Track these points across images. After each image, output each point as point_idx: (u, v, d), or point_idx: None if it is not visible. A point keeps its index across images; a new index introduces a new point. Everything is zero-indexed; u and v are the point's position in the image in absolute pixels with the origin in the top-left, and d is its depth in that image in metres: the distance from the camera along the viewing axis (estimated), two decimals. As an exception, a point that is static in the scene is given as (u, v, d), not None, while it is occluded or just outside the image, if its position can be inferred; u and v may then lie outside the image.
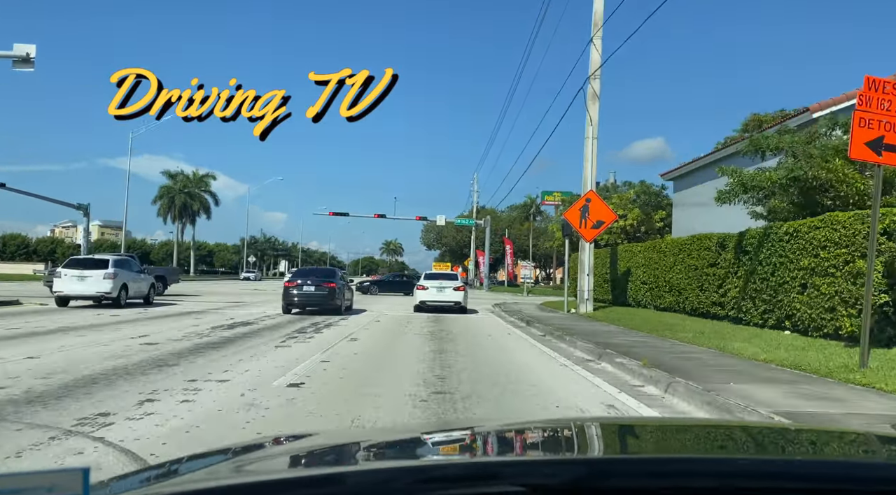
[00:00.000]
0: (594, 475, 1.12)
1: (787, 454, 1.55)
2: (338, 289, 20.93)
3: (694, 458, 1.40)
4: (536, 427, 2.02)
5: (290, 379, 8.12)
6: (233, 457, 1.55)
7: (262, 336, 13.70)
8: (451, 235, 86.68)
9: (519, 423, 2.43)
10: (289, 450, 1.71)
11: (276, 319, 18.67)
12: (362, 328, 16.72)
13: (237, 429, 5.57)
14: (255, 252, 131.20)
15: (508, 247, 61.22)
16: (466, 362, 10.18)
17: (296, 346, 11.98)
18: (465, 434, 1.96)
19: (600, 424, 2.20)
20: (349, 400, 7.02)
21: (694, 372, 8.43)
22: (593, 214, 20.78)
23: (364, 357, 10.73)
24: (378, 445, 1.71)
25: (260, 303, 26.91)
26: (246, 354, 10.44)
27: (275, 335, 14.01)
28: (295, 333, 14.66)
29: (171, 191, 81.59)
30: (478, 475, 1.11)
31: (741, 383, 7.69)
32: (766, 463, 1.34)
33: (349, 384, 8.03)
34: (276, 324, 16.85)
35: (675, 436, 1.77)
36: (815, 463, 1.39)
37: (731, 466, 1.25)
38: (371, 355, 11.03)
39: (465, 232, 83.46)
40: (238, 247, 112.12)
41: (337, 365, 9.62)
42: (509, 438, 1.75)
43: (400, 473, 1.17)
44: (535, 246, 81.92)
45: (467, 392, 7.56)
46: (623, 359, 9.94)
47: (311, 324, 17.16)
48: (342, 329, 16.17)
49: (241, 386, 7.56)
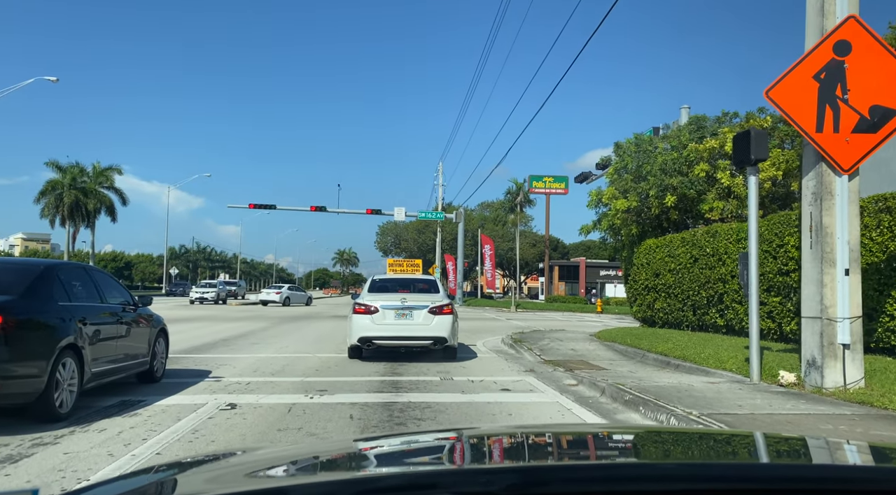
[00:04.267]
0: (530, 482, 1.11)
1: (706, 458, 1.53)
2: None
3: (629, 464, 1.41)
4: (475, 436, 1.97)
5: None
6: (168, 474, 1.50)
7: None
8: (412, 238, 72.27)
9: (457, 431, 2.22)
10: (228, 466, 1.59)
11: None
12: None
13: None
14: (187, 263, 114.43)
15: (488, 247, 47.37)
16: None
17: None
18: (403, 444, 1.87)
19: (541, 433, 2.01)
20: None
21: None
22: (861, 86, 6.91)
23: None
24: (316, 457, 1.63)
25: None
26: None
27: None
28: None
29: (59, 186, 65.37)
30: (416, 485, 1.11)
31: None
32: (699, 467, 1.33)
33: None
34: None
35: (615, 444, 1.75)
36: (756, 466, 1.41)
37: (660, 471, 1.28)
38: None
39: (428, 233, 69.23)
40: (166, 257, 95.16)
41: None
42: (448, 447, 1.69)
43: (340, 486, 1.17)
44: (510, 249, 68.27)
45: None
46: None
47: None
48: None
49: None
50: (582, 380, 8.83)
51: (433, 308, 10.98)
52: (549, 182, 47.71)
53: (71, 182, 64.92)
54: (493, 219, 71.94)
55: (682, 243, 15.63)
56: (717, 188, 16.43)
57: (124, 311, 7.76)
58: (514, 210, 54.76)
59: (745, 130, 8.19)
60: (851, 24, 7.10)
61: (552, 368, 10.29)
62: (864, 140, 7.07)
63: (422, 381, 8.84)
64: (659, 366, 10.44)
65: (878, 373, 7.76)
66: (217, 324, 20.87)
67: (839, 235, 7.19)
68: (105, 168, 69.45)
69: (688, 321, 15.68)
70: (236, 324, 21.00)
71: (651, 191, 16.78)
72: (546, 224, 50.71)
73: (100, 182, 68.77)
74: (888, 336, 9.40)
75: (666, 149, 17.95)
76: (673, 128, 19.37)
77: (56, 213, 65.80)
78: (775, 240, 11.85)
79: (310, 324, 21.53)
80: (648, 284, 17.58)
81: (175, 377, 8.93)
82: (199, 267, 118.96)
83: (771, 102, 7.47)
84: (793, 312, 11.48)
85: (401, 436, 2.25)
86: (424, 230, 69.74)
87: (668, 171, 16.84)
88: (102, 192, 68.30)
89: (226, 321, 22.43)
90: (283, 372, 9.67)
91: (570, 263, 70.14)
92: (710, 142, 16.69)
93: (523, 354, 12.61)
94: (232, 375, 9.19)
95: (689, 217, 18.27)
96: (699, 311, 15.12)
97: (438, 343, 10.92)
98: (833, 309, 7.22)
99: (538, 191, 48.03)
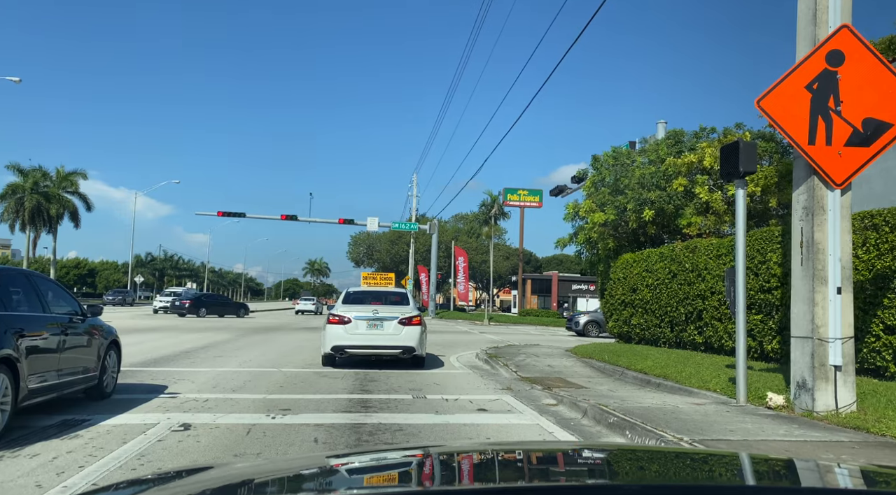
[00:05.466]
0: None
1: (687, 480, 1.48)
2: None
3: (599, 486, 1.38)
4: (447, 453, 1.96)
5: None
6: (148, 489, 1.49)
7: None
8: (385, 249, 71.56)
9: (427, 449, 2.34)
10: (205, 480, 1.56)
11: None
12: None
13: None
14: (153, 271, 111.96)
15: (462, 259, 46.88)
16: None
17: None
18: (375, 460, 1.84)
19: (515, 450, 2.02)
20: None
21: None
22: (854, 98, 6.68)
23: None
24: (289, 474, 1.61)
25: None
26: None
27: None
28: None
29: (20, 189, 63.50)
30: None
31: None
32: (659, 489, 1.30)
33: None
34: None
35: (588, 462, 1.73)
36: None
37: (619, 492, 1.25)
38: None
39: (401, 244, 68.64)
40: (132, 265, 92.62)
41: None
42: (420, 465, 1.67)
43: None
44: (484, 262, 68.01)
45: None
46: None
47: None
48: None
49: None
50: (562, 400, 8.41)
51: (403, 319, 11.51)
52: (523, 195, 47.56)
53: (33, 186, 63.17)
54: (467, 232, 71.65)
55: (660, 258, 15.39)
56: (696, 203, 16.27)
57: (71, 322, 7.13)
58: (489, 222, 54.50)
59: (734, 142, 7.91)
60: (844, 33, 6.86)
61: (529, 386, 9.85)
62: (856, 153, 6.82)
63: (393, 400, 8.34)
64: (639, 384, 10.08)
65: (869, 396, 7.47)
66: (181, 334, 20.04)
67: (831, 252, 6.91)
68: (69, 172, 67.81)
69: (665, 338, 15.42)
70: (200, 335, 20.19)
71: (629, 205, 16.55)
72: (520, 237, 50.61)
73: (63, 186, 67.14)
74: (874, 356, 9.18)
75: (644, 162, 17.78)
76: (651, 143, 19.23)
77: (16, 218, 63.83)
78: (757, 256, 11.63)
79: (278, 337, 20.82)
80: (625, 299, 17.31)
81: (127, 392, 8.29)
82: (165, 275, 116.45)
83: (762, 112, 7.19)
84: (775, 330, 11.23)
85: (373, 453, 2.24)
86: (398, 241, 69.15)
87: (646, 185, 16.64)
88: (66, 197, 66.61)
89: (190, 332, 21.59)
90: (245, 388, 9.07)
91: (542, 277, 70.11)
92: (688, 156, 16.54)
93: (499, 370, 12.17)
94: (189, 391, 8.57)
95: (665, 232, 18.09)
96: (677, 328, 14.86)
97: (407, 352, 11.44)
98: (825, 328, 6.93)
99: (513, 203, 47.83)
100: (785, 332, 10.95)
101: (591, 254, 20.18)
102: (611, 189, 17.53)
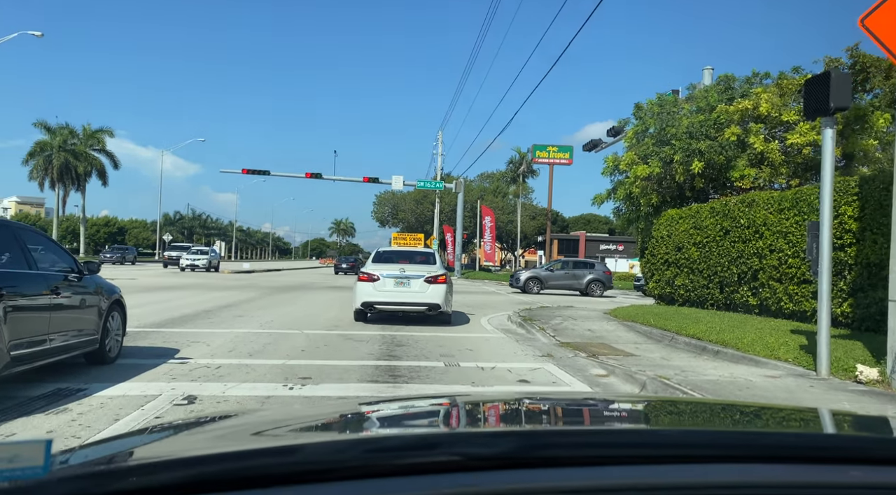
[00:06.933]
0: (524, 446, 1.12)
1: (719, 426, 1.47)
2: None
3: (622, 430, 1.40)
4: (474, 401, 2.01)
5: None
6: (184, 431, 1.50)
7: None
8: (410, 208, 70.60)
9: (457, 395, 2.42)
10: (229, 426, 1.54)
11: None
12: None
13: None
14: (182, 230, 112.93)
15: (489, 218, 45.78)
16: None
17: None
18: (406, 408, 1.84)
19: (538, 399, 2.18)
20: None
21: None
22: None
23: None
24: (322, 418, 1.62)
25: None
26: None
27: None
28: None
29: (48, 147, 63.61)
30: (418, 445, 1.14)
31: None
32: (689, 434, 1.31)
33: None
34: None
35: (610, 411, 1.73)
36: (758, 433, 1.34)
37: (655, 437, 1.26)
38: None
39: (426, 204, 67.57)
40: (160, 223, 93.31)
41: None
42: (456, 411, 1.68)
43: (350, 445, 1.20)
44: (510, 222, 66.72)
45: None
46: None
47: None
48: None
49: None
50: (613, 371, 7.49)
51: (429, 277, 11.84)
52: (553, 152, 45.95)
53: (61, 144, 63.14)
54: (493, 191, 70.25)
55: (710, 213, 14.20)
56: (749, 154, 14.96)
57: (65, 280, 6.36)
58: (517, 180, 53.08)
59: (825, 72, 6.72)
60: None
61: (572, 353, 8.96)
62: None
63: (423, 368, 7.50)
64: (694, 351, 9.12)
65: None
66: (205, 293, 19.53)
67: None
68: (96, 130, 67.73)
69: (714, 299, 14.35)
70: (224, 293, 19.66)
71: (676, 156, 15.30)
72: (549, 195, 49.16)
73: (90, 144, 67.14)
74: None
75: (692, 111, 16.42)
76: (699, 89, 17.78)
77: (45, 176, 64.20)
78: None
79: (303, 296, 20.20)
80: (668, 259, 16.20)
81: (134, 357, 7.58)
82: (194, 233, 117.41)
83: (867, 33, 6.00)
84: (846, 292, 10.10)
85: (405, 401, 2.20)
86: (423, 201, 68.08)
87: (694, 135, 15.34)
88: (93, 155, 66.67)
89: (214, 290, 21.09)
90: (263, 352, 8.32)
91: (569, 237, 68.76)
92: (742, 103, 15.15)
93: (535, 335, 11.29)
94: (202, 356, 7.83)
95: (713, 187, 16.83)
96: (727, 289, 13.77)
97: (432, 309, 11.82)
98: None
99: (542, 161, 46.26)
100: (859, 294, 9.82)
101: (629, 210, 19.00)
102: (655, 140, 16.25)
